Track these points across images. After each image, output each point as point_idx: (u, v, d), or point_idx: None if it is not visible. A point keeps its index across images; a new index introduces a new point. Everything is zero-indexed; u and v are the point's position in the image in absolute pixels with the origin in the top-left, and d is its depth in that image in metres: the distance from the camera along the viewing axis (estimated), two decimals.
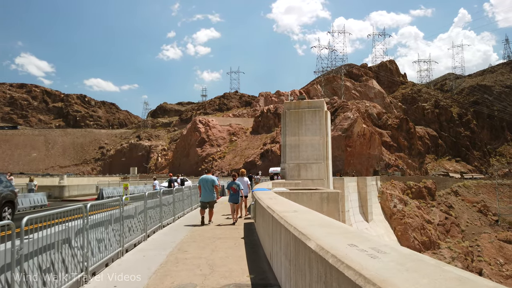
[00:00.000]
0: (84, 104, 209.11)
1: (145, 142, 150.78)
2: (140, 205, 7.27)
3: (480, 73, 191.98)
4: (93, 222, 4.97)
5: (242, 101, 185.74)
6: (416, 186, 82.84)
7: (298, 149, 32.88)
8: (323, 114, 32.90)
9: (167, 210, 10.37)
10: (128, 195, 17.24)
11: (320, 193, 9.44)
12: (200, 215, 11.03)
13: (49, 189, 20.99)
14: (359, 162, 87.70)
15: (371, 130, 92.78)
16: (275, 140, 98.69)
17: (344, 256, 1.93)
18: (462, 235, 75.57)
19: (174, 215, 10.98)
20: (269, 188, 11.04)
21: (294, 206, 4.49)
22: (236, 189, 11.45)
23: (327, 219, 3.20)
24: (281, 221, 3.27)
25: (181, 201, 12.54)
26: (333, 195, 9.24)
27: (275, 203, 4.92)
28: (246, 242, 6.75)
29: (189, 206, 14.26)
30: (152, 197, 8.65)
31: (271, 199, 5.75)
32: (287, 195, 8.72)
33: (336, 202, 9.04)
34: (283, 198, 5.97)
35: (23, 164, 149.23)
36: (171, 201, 11.02)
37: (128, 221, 6.48)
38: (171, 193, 11.15)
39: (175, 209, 11.21)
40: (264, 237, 4.96)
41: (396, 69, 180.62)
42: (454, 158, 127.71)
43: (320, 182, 32.20)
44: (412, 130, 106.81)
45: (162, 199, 9.58)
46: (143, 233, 7.50)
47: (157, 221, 8.98)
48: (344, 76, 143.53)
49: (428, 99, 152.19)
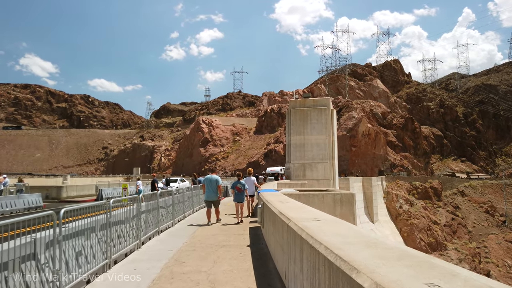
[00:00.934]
0: (88, 105, 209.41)
1: (148, 142, 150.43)
2: (133, 209, 6.45)
3: (486, 72, 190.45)
4: (69, 231, 4.14)
5: (245, 101, 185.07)
6: (422, 186, 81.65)
7: (303, 148, 32.02)
8: (329, 113, 32.03)
9: (166, 213, 9.57)
10: (127, 196, 16.48)
11: (333, 194, 8.58)
12: (206, 215, 11.15)
13: (47, 189, 20.19)
14: (364, 162, 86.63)
15: (376, 129, 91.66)
16: (279, 140, 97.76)
17: None
18: (469, 236, 74.38)
19: (173, 218, 10.20)
20: (276, 189, 10.19)
21: (313, 212, 3.69)
22: (241, 189, 11.52)
23: (365, 233, 2.38)
24: (302, 234, 2.45)
25: (181, 202, 11.78)
26: (347, 197, 8.39)
27: (288, 208, 4.12)
28: (253, 251, 5.91)
29: (190, 208, 13.44)
30: (149, 199, 7.88)
31: (282, 202, 4.92)
32: (297, 197, 7.91)
33: (350, 204, 8.20)
34: (296, 202, 5.13)
35: (27, 164, 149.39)
36: (170, 203, 10.18)
37: (118, 228, 5.66)
38: (170, 195, 10.43)
39: (174, 211, 10.42)
40: (275, 248, 4.17)
41: (400, 69, 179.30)
42: (460, 158, 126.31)
43: (326, 182, 31.31)
44: (417, 129, 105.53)
45: (160, 201, 8.78)
46: (136, 240, 6.64)
47: (154, 226, 8.17)
48: (348, 76, 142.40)
49: (433, 98, 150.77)
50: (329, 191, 9.29)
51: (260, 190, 10.03)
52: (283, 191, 9.29)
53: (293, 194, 8.56)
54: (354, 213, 8.28)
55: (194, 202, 14.05)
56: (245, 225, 10.01)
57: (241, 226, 9.77)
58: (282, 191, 9.30)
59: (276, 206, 4.41)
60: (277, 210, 3.99)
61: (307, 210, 3.99)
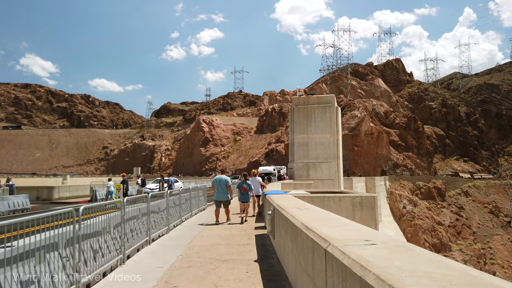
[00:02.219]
0: (88, 104, 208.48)
1: (148, 142, 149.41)
2: (115, 216, 5.27)
3: (487, 72, 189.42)
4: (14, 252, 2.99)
5: (246, 101, 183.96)
6: (426, 186, 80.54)
7: (307, 147, 30.86)
8: (333, 110, 30.88)
9: (159, 218, 8.35)
10: (120, 198, 15.36)
11: (352, 197, 7.42)
12: (214, 215, 11.43)
13: (37, 190, 19.04)
14: (366, 162, 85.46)
15: (379, 129, 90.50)
16: (280, 140, 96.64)
17: None
18: (474, 237, 73.26)
19: (168, 224, 8.99)
20: (285, 191, 8.95)
21: (353, 226, 2.59)
22: (246, 189, 11.69)
23: (453, 264, 1.41)
24: (367, 278, 1.32)
25: (177, 205, 10.61)
26: (368, 200, 7.25)
27: (313, 219, 3.01)
28: (262, 268, 4.72)
29: (188, 211, 12.20)
30: (139, 202, 6.73)
31: (300, 209, 3.82)
32: (310, 200, 6.80)
33: (371, 209, 7.07)
34: (320, 209, 4.02)
35: (27, 164, 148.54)
36: (164, 206, 8.91)
37: (93, 241, 4.48)
38: (163, 197, 9.23)
39: (169, 216, 9.22)
40: (298, 273, 3.08)
41: (402, 68, 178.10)
42: (462, 158, 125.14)
43: (330, 182, 30.19)
44: (420, 129, 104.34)
45: (152, 206, 7.59)
46: (119, 255, 5.46)
47: (143, 235, 6.93)
48: (349, 75, 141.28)
49: (435, 98, 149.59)
50: (347, 194, 8.10)
51: (267, 192, 8.88)
52: (292, 193, 8.15)
53: (306, 196, 7.42)
54: (376, 219, 7.15)
55: (193, 205, 12.84)
56: (250, 230, 8.77)
57: (246, 231, 8.57)
58: (291, 193, 8.17)
59: (296, 215, 3.32)
60: (299, 223, 2.89)
61: (342, 222, 2.87)
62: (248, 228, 9.67)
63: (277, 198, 5.85)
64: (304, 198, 6.82)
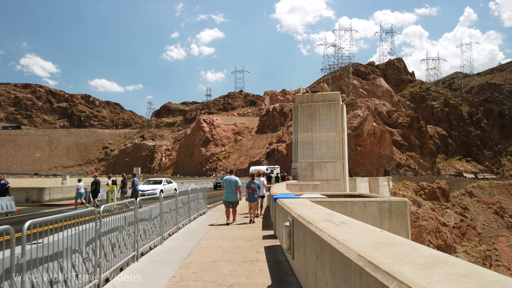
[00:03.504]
0: (88, 104, 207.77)
1: (149, 142, 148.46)
2: (88, 229, 4.08)
3: (489, 71, 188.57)
4: None
5: (247, 101, 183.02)
6: (430, 186, 79.37)
7: (311, 146, 29.69)
8: (338, 108, 29.70)
9: (150, 227, 7.03)
10: (114, 202, 14.21)
11: (379, 202, 6.21)
12: (225, 215, 11.58)
13: (27, 191, 17.87)
14: (369, 162, 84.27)
15: (382, 128, 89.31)
16: (282, 139, 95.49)
17: None
18: (479, 238, 72.06)
19: (161, 233, 7.73)
20: (298, 195, 7.68)
21: (453, 261, 1.52)
22: (254, 189, 11.75)
23: None
24: None
25: (174, 210, 9.18)
26: (398, 206, 6.08)
27: (366, 242, 1.90)
28: None
29: (186, 216, 10.82)
30: (125, 210, 5.56)
31: (335, 224, 2.70)
32: (329, 206, 5.66)
33: (402, 216, 5.92)
34: (363, 225, 2.89)
35: (27, 164, 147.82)
36: (157, 213, 7.56)
37: (55, 265, 3.29)
38: (155, 202, 7.96)
39: (163, 224, 7.95)
40: None
41: (404, 67, 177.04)
42: (465, 158, 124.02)
43: (336, 183, 29.04)
44: (423, 128, 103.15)
45: (141, 212, 6.40)
46: (93, 279, 4.13)
47: (129, 250, 5.62)
48: (351, 74, 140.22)
49: (437, 97, 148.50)
50: (371, 198, 6.89)
51: (276, 195, 7.71)
52: (306, 197, 6.95)
53: (324, 201, 6.24)
54: (408, 228, 6.01)
55: (192, 209, 11.50)
56: (257, 240, 7.51)
57: (252, 242, 7.28)
58: (305, 197, 6.97)
59: (335, 235, 2.21)
60: (352, 252, 1.79)
61: (427, 253, 1.75)
62: (255, 236, 8.43)
63: (293, 204, 4.72)
64: (322, 203, 5.69)
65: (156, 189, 22.22)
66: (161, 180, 25.37)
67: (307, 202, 5.31)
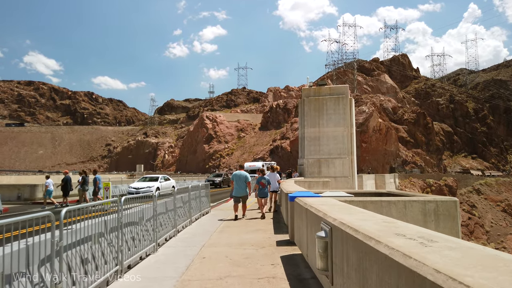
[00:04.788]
0: (91, 102, 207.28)
1: (152, 139, 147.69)
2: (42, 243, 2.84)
3: (495, 67, 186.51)
4: None
5: (250, 97, 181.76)
6: (436, 184, 78.11)
7: (318, 142, 28.56)
8: (347, 102, 28.53)
9: (141, 232, 5.83)
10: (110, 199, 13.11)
11: (422, 202, 5.03)
12: (233, 210, 11.62)
13: (19, 189, 16.90)
14: (374, 159, 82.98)
15: (387, 125, 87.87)
16: (285, 136, 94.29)
17: None
18: (487, 237, 70.76)
19: (155, 239, 6.48)
20: (317, 193, 6.45)
21: None
22: (265, 184, 11.76)
23: None
24: None
25: (171, 211, 7.97)
26: (447, 206, 4.91)
27: None
28: None
29: (187, 217, 9.45)
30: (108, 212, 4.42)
31: (422, 243, 1.66)
32: (361, 205, 4.53)
33: (452, 219, 4.78)
34: (465, 242, 1.88)
35: (30, 161, 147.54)
36: (151, 215, 6.37)
37: None
38: (149, 200, 6.59)
39: (159, 227, 6.80)
40: None
41: (408, 63, 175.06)
42: (470, 155, 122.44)
43: (344, 180, 27.90)
44: (429, 125, 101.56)
45: (129, 214, 5.19)
46: None
47: (109, 264, 4.44)
48: (356, 71, 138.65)
49: (443, 94, 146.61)
50: (414, 196, 5.70)
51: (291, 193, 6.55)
52: (329, 195, 5.82)
53: (354, 201, 5.09)
54: (459, 234, 4.87)
55: (193, 208, 10.14)
56: (271, 246, 6.52)
57: (265, 249, 5.96)
58: (327, 195, 5.83)
59: (450, 272, 1.23)
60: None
61: None
62: (267, 242, 7.17)
63: (323, 205, 3.61)
64: (352, 203, 4.58)
65: (151, 187, 20.88)
66: (157, 177, 23.41)
67: (338, 202, 4.18)
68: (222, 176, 37.61)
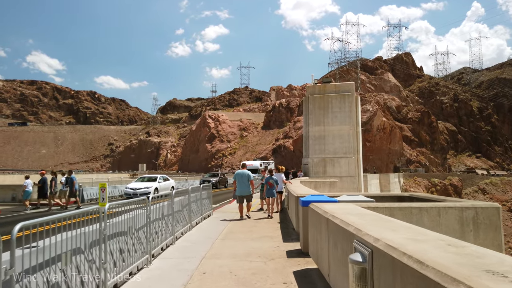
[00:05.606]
0: (94, 101, 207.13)
1: (154, 139, 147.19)
2: None
3: (499, 66, 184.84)
4: None
5: (252, 97, 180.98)
6: (441, 183, 77.19)
7: (323, 141, 27.82)
8: (353, 100, 27.78)
9: (130, 244, 4.96)
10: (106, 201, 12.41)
11: (459, 209, 4.24)
12: (239, 211, 11.38)
13: (13, 189, 16.24)
14: (378, 158, 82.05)
15: (391, 123, 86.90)
16: (288, 135, 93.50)
17: None
18: None
19: (149, 250, 5.61)
20: (334, 197, 5.60)
21: None
22: (273, 184, 11.61)
23: None
24: None
25: (169, 216, 7.15)
26: (488, 213, 4.16)
27: None
28: None
29: (186, 222, 8.50)
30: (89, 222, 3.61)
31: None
32: (387, 213, 3.82)
33: (494, 229, 4.06)
34: None
35: (32, 160, 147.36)
36: (144, 222, 5.56)
37: None
38: (142, 204, 5.73)
39: (153, 235, 5.92)
40: None
41: (412, 62, 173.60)
42: (475, 154, 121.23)
43: (350, 180, 27.13)
44: (434, 124, 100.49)
45: (114, 224, 4.41)
46: None
47: (89, 285, 3.61)
48: (359, 69, 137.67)
49: (447, 92, 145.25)
50: (448, 202, 4.94)
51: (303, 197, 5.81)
52: (346, 200, 5.07)
53: (379, 207, 4.32)
54: (502, 247, 4.15)
55: (193, 212, 9.14)
56: (281, 258, 5.90)
57: (275, 261, 5.08)
58: (345, 200, 5.08)
59: None
60: None
61: None
62: (276, 252, 6.35)
63: (350, 216, 2.85)
64: (377, 210, 3.87)
65: (149, 188, 19.98)
66: (156, 177, 22.36)
67: (365, 211, 3.43)
68: (218, 176, 35.20)
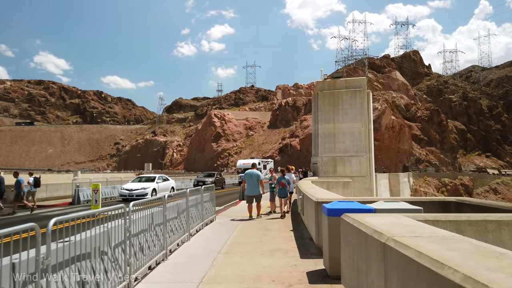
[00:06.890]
0: (100, 101, 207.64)
1: (160, 138, 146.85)
2: None
3: (508, 64, 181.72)
4: None
5: (258, 96, 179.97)
6: (452, 183, 75.52)
7: (333, 139, 26.60)
8: (364, 95, 26.55)
9: (110, 261, 3.93)
10: (99, 203, 11.46)
11: None
12: (248, 210, 11.22)
13: (12, 190, 15.38)
14: (387, 157, 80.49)
15: (400, 122, 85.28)
16: (295, 134, 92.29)
17: None
18: None
19: (130, 274, 4.37)
20: (368, 205, 4.44)
21: None
22: (285, 184, 11.58)
23: None
24: None
25: (160, 225, 5.93)
26: None
27: None
28: None
29: (183, 231, 7.23)
30: None
31: None
32: (453, 228, 2.76)
33: None
34: None
35: (39, 160, 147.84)
36: (121, 239, 4.34)
37: None
38: (119, 211, 4.42)
39: (138, 253, 4.79)
40: None
41: (420, 60, 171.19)
42: (484, 153, 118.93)
43: (361, 180, 25.88)
44: (444, 122, 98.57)
45: (91, 238, 3.50)
46: None
47: None
48: (366, 67, 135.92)
49: (456, 91, 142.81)
50: None
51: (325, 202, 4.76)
52: (386, 207, 3.96)
53: (441, 220, 3.17)
54: None
55: (193, 218, 7.94)
56: (299, 272, 4.96)
57: (292, 275, 4.13)
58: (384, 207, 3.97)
59: None
60: None
61: None
62: (293, 272, 5.10)
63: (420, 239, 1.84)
64: (438, 223, 2.81)
65: (146, 188, 18.48)
66: (154, 177, 20.68)
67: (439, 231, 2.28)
68: (215, 176, 32.85)
